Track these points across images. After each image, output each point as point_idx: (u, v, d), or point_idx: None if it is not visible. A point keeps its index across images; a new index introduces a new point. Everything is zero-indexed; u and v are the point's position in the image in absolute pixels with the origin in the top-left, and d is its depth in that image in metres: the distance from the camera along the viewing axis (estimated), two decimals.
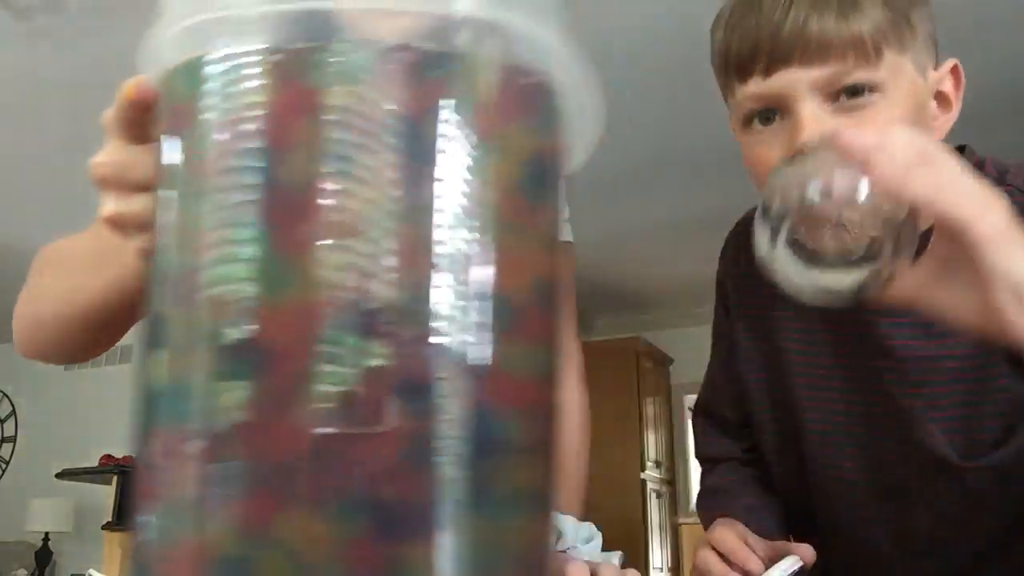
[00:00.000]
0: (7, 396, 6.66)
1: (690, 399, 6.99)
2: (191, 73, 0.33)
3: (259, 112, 0.31)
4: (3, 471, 6.48)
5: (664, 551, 6.04)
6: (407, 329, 0.29)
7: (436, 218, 0.30)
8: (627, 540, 5.73)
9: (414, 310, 0.30)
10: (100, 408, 6.14)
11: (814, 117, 0.67)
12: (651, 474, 5.99)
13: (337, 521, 0.28)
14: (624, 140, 4.15)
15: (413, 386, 0.29)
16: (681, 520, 6.13)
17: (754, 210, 0.58)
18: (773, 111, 0.70)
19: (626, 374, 6.10)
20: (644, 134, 4.10)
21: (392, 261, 0.30)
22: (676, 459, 6.54)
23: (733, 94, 0.73)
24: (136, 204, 0.41)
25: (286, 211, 0.30)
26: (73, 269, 0.66)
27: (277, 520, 0.28)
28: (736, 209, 0.98)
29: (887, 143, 0.49)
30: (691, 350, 6.70)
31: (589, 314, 7.05)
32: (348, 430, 0.28)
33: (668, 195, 4.74)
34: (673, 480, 6.42)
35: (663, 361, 6.61)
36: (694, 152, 4.26)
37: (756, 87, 0.70)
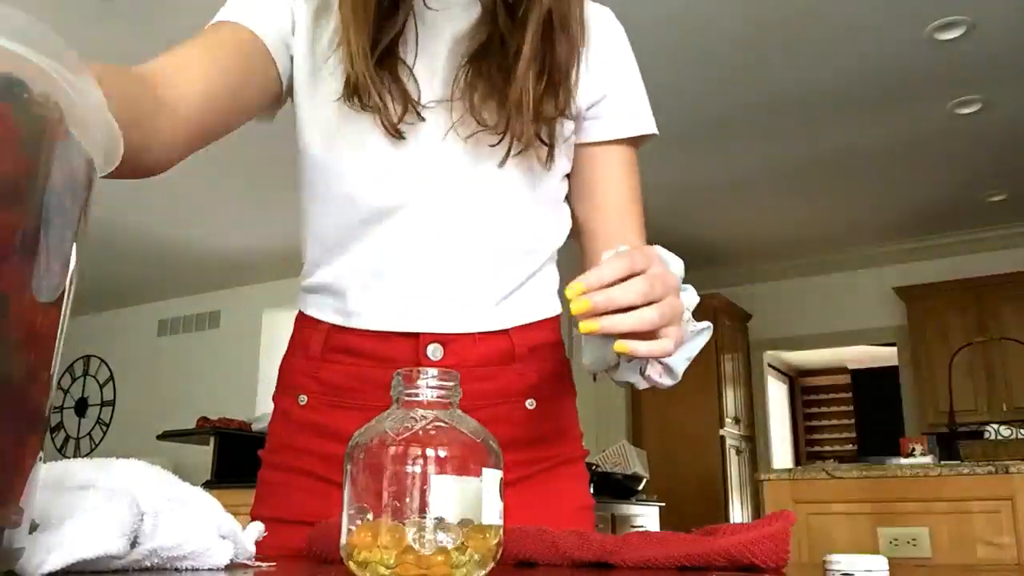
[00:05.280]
0: (104, 362, 6.99)
1: (769, 355, 6.89)
2: None
3: None
4: (104, 433, 6.84)
5: (745, 507, 6.02)
6: None
7: None
8: (706, 496, 5.73)
9: None
10: (188, 373, 6.36)
11: None
12: (730, 431, 5.97)
13: None
14: (699, 96, 4.05)
15: None
16: (762, 476, 6.09)
17: None
18: None
19: None
20: (719, 90, 3.99)
21: None
22: (756, 415, 6.47)
23: None
24: None
25: None
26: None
27: None
28: (813, 164, 0.96)
29: None
30: (770, 306, 6.59)
31: None
32: None
33: (746, 150, 4.63)
34: (753, 436, 6.37)
35: (741, 317, 6.52)
36: (770, 108, 4.14)
37: None
